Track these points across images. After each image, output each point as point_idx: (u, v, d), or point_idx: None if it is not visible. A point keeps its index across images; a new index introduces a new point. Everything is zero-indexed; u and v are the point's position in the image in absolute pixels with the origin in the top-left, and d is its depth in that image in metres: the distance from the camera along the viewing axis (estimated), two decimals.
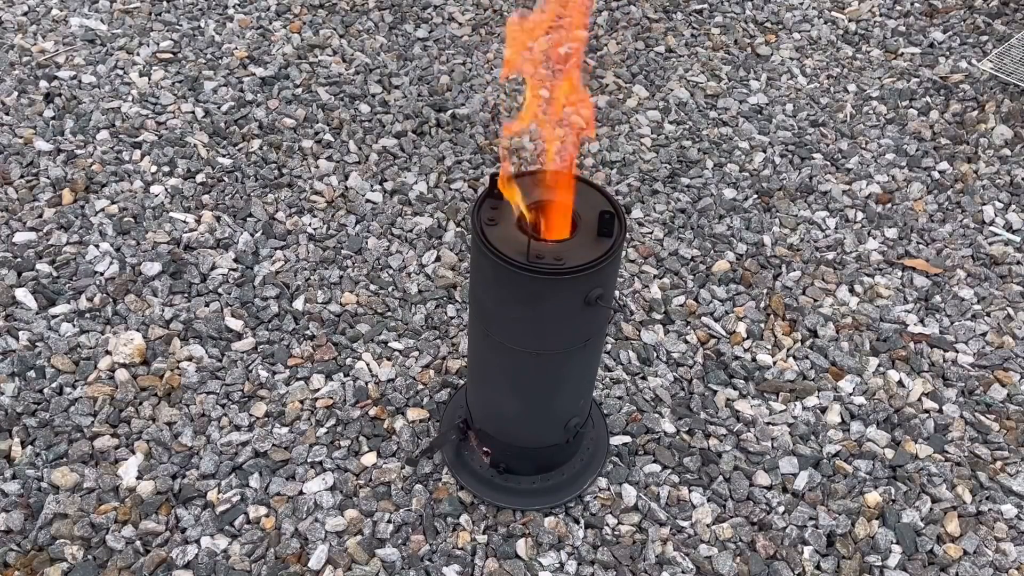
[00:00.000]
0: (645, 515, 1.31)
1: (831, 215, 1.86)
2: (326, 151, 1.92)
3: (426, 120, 2.01)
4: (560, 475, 1.30)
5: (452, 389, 1.46)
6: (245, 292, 1.59)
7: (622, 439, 1.40)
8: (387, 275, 1.66)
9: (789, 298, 1.66)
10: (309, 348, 1.51)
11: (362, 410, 1.42)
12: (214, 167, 1.85)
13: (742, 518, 1.31)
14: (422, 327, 1.57)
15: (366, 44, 2.24)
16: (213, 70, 2.11)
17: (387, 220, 1.77)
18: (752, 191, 1.90)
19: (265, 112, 2.00)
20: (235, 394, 1.43)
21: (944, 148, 2.04)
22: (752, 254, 1.75)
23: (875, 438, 1.43)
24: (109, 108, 1.97)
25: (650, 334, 1.57)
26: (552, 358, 1.09)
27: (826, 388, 1.50)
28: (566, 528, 1.28)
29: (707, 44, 2.36)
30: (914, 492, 1.36)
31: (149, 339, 1.49)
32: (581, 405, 1.22)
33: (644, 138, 2.03)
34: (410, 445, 1.37)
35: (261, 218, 1.74)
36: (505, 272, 0.98)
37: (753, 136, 2.05)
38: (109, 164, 1.83)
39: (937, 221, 1.86)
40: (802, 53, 2.35)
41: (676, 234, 1.78)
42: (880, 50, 2.37)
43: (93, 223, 1.70)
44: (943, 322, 1.64)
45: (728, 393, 1.49)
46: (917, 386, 1.51)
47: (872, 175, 1.96)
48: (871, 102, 2.18)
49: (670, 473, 1.37)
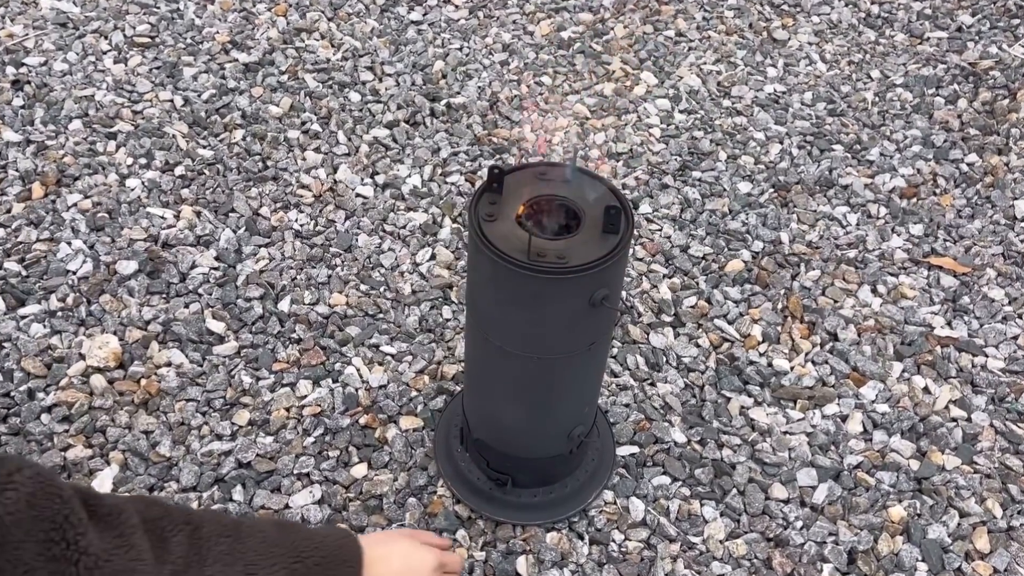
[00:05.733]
0: (654, 530, 1.32)
1: (852, 210, 1.86)
2: (314, 142, 1.92)
3: (420, 109, 2.02)
4: (563, 488, 1.31)
5: (448, 396, 1.46)
6: (227, 292, 1.59)
7: (629, 449, 1.41)
8: (379, 274, 1.66)
9: (807, 299, 1.67)
10: (295, 352, 1.51)
11: (352, 418, 1.43)
12: (194, 159, 1.86)
13: (757, 534, 1.32)
14: (416, 330, 1.57)
15: (356, 28, 2.25)
16: (193, 56, 2.12)
17: (379, 216, 1.77)
18: (768, 185, 1.91)
19: (248, 100, 2.01)
20: (217, 401, 1.44)
21: (973, 139, 2.04)
22: (768, 252, 1.76)
23: (899, 448, 1.44)
24: (82, 96, 1.97)
25: (659, 337, 1.58)
26: (555, 363, 1.09)
27: (847, 395, 1.51)
28: (570, 544, 1.29)
29: (720, 28, 2.36)
30: (941, 506, 1.36)
31: (126, 342, 1.50)
32: (586, 413, 1.23)
33: (653, 128, 2.03)
34: (403, 456, 1.38)
35: (244, 213, 1.75)
36: (504, 271, 0.98)
37: (769, 126, 2.06)
38: (82, 156, 1.83)
39: (966, 217, 1.87)
40: (821, 37, 2.35)
41: (687, 231, 1.79)
42: (905, 34, 2.38)
43: (65, 219, 1.70)
44: (972, 324, 1.64)
45: (742, 400, 1.49)
46: (944, 393, 1.52)
47: (896, 168, 1.97)
48: (895, 90, 2.19)
49: (680, 486, 1.37)
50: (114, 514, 0.71)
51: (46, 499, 0.64)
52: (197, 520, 0.80)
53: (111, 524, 0.70)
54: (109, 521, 0.70)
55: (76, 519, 0.65)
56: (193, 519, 0.80)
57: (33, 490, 0.63)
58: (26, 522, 0.63)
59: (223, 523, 0.83)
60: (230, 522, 0.84)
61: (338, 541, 0.93)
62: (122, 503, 0.72)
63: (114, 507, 0.71)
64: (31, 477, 0.64)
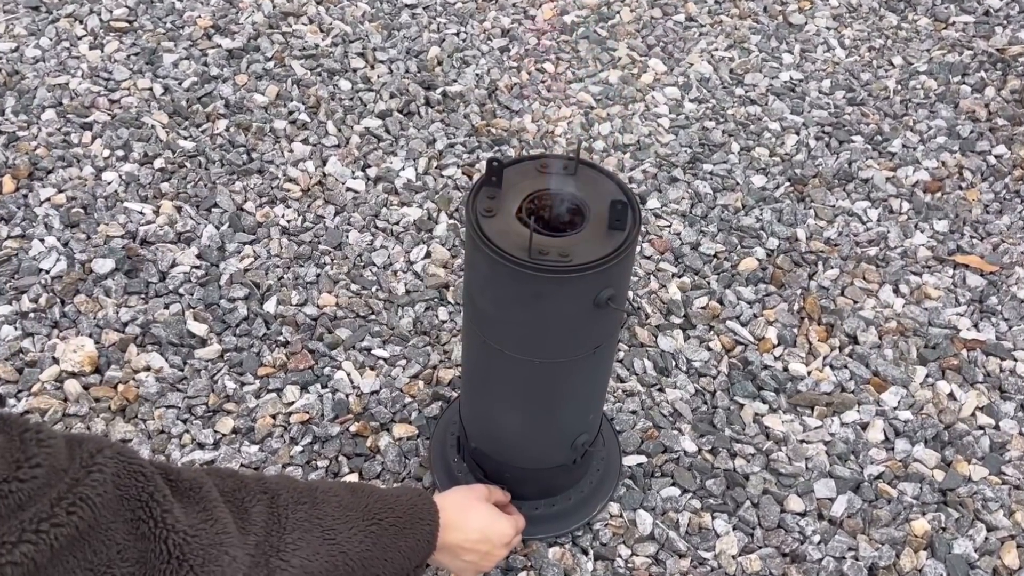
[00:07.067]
0: (662, 545, 1.31)
1: (873, 205, 1.86)
2: (301, 133, 1.92)
3: (414, 98, 2.02)
4: (566, 500, 1.31)
5: (444, 402, 1.46)
6: (210, 292, 1.59)
7: (636, 459, 1.41)
8: (370, 273, 1.66)
9: (826, 299, 1.66)
10: (282, 356, 1.51)
11: (342, 426, 1.43)
12: (175, 151, 1.85)
13: (772, 548, 1.32)
14: (410, 332, 1.57)
15: (347, 12, 2.25)
16: (173, 41, 2.12)
17: (370, 211, 1.77)
18: (784, 178, 1.91)
19: (232, 89, 2.00)
20: (199, 408, 1.43)
21: (1001, 130, 2.04)
22: (784, 250, 1.75)
23: (923, 458, 1.43)
24: (55, 84, 1.97)
25: (668, 340, 1.58)
26: (557, 367, 1.09)
27: (867, 401, 1.51)
28: (573, 560, 1.29)
29: (732, 12, 2.36)
30: (967, 519, 1.36)
31: (102, 345, 1.50)
32: (590, 420, 1.23)
33: (661, 118, 2.03)
34: (396, 466, 1.38)
35: (228, 209, 1.74)
36: (504, 270, 0.98)
37: (785, 116, 2.06)
38: (56, 148, 1.83)
39: (993, 212, 1.87)
40: (840, 22, 2.35)
41: (698, 227, 1.78)
42: (928, 18, 2.37)
43: (37, 214, 1.70)
44: (1000, 327, 1.64)
45: (756, 407, 1.49)
46: (970, 399, 1.52)
47: (920, 160, 1.96)
48: (918, 77, 2.18)
49: (691, 497, 1.37)
50: (195, 489, 0.74)
51: (130, 478, 0.67)
52: (274, 488, 0.85)
53: (194, 499, 0.74)
54: (191, 496, 0.74)
55: (161, 496, 0.69)
56: (269, 487, 0.84)
57: (117, 470, 0.66)
58: (114, 502, 0.65)
59: (299, 489, 0.88)
60: (305, 487, 0.89)
61: (411, 500, 0.99)
62: (200, 476, 0.76)
63: (194, 481, 0.75)
64: (113, 456, 0.66)
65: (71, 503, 0.62)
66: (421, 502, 1.00)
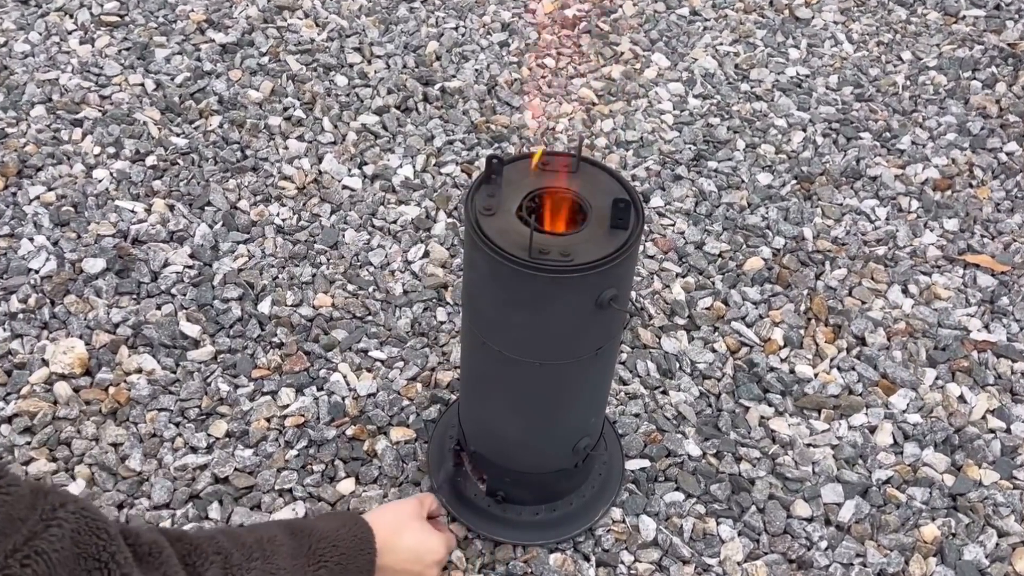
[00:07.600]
0: (666, 551, 1.32)
1: (881, 204, 1.86)
2: (296, 130, 1.93)
3: (412, 94, 2.02)
4: (568, 505, 1.31)
5: (442, 405, 1.46)
6: (203, 293, 1.59)
7: (639, 463, 1.41)
8: (367, 273, 1.67)
9: (833, 300, 1.67)
10: (277, 358, 1.51)
11: (338, 429, 1.43)
12: (167, 148, 1.86)
13: (778, 555, 1.32)
14: (408, 333, 1.57)
15: (343, 5, 2.25)
16: (166, 36, 2.12)
17: (367, 209, 1.77)
18: (790, 176, 1.91)
19: (226, 84, 2.01)
20: (191, 411, 1.44)
21: (1013, 126, 2.04)
22: (790, 249, 1.76)
23: (932, 462, 1.44)
24: (45, 80, 1.98)
25: (672, 342, 1.58)
26: (558, 369, 1.09)
27: (875, 404, 1.51)
28: (575, 566, 1.29)
29: (738, 5, 2.36)
30: (978, 525, 1.36)
31: (93, 347, 1.50)
32: (592, 424, 1.23)
33: (665, 115, 2.03)
34: (394, 470, 1.38)
35: (221, 207, 1.75)
36: (504, 270, 0.99)
37: (791, 112, 2.06)
38: (45, 145, 1.83)
39: (1005, 211, 1.87)
40: (848, 16, 2.35)
41: (702, 226, 1.79)
42: (938, 12, 2.38)
43: (27, 213, 1.70)
44: (1011, 328, 1.64)
45: (762, 410, 1.49)
46: (981, 402, 1.52)
47: (929, 157, 1.97)
48: (928, 73, 2.19)
49: (695, 503, 1.37)
50: (155, 553, 0.74)
51: (91, 535, 0.65)
52: (225, 549, 0.85)
53: (154, 564, 0.73)
54: (151, 561, 0.73)
55: (123, 558, 0.67)
56: (221, 548, 0.85)
57: (78, 526, 0.65)
58: (70, 560, 0.64)
59: (247, 545, 0.89)
60: (252, 541, 0.90)
61: (351, 531, 1.02)
62: (159, 540, 0.76)
63: (154, 545, 0.74)
64: (75, 512, 0.65)
65: (25, 556, 0.60)
66: (359, 531, 1.04)
